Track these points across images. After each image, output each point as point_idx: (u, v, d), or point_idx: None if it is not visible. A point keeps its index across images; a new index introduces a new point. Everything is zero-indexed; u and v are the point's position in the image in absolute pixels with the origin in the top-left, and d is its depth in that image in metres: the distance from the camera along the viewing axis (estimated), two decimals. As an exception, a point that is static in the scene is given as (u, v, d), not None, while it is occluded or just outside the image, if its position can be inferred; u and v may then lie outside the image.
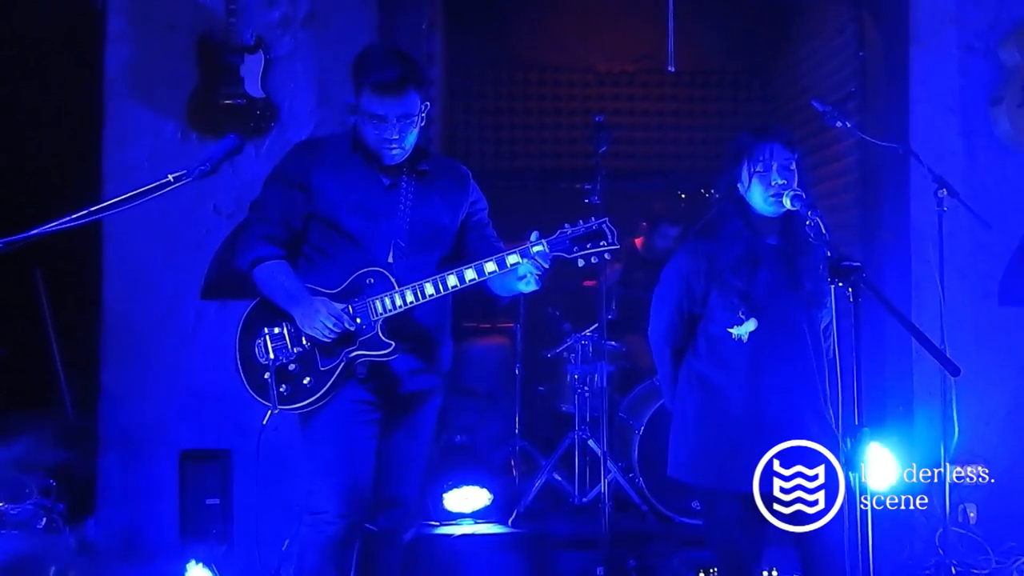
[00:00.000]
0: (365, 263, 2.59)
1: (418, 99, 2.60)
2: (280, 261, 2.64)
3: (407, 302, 2.55)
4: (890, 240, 4.35)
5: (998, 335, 4.24)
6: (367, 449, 2.62)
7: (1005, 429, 4.13)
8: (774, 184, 2.55)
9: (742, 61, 6.24)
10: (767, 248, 2.63)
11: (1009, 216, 4.25)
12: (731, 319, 2.58)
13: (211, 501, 3.72)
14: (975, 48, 4.30)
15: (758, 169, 2.58)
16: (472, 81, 6.07)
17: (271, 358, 2.56)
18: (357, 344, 2.57)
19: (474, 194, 2.81)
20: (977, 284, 4.27)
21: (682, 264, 2.70)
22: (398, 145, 2.59)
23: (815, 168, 4.93)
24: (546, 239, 2.53)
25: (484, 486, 4.17)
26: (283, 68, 4.06)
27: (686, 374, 2.71)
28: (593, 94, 6.18)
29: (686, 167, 6.02)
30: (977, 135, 4.28)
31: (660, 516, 4.09)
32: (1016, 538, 3.98)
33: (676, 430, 2.74)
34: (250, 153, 3.91)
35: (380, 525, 2.72)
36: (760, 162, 2.57)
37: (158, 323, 4.00)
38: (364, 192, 2.64)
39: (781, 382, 2.58)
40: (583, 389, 4.38)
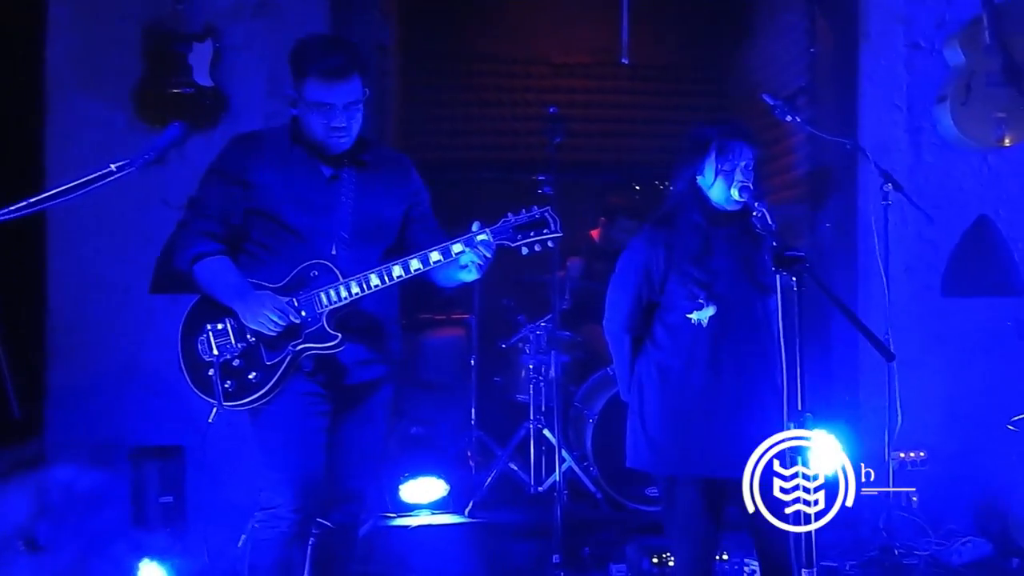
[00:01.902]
0: (308, 256, 2.57)
1: (361, 85, 2.59)
2: (221, 257, 2.61)
3: (352, 293, 2.54)
4: (838, 233, 4.45)
5: (941, 325, 4.36)
6: (318, 442, 2.61)
7: (947, 416, 4.25)
8: (738, 181, 2.60)
9: (696, 55, 6.29)
10: (724, 237, 2.68)
11: (952, 211, 4.37)
12: (691, 306, 2.62)
13: (164, 499, 3.67)
14: (922, 47, 4.40)
15: (725, 168, 2.62)
16: (427, 72, 6.04)
17: (215, 355, 2.53)
18: (303, 337, 2.55)
19: (416, 184, 2.80)
20: (921, 276, 4.39)
21: (640, 253, 2.73)
22: (346, 132, 2.58)
23: (766, 162, 5.00)
24: (489, 228, 2.55)
25: (440, 477, 4.19)
26: (233, 58, 4.00)
27: (644, 363, 2.74)
28: (548, 86, 6.19)
29: (640, 159, 6.07)
30: (922, 132, 4.39)
31: (614, 504, 4.15)
32: (956, 521, 4.12)
33: (633, 419, 2.77)
34: (200, 144, 3.83)
35: (335, 520, 2.70)
36: (728, 160, 2.62)
37: (107, 319, 3.93)
38: (305, 185, 2.61)
39: (740, 367, 2.64)
40: (538, 379, 4.42)
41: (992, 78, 4.23)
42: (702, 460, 2.61)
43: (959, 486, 4.18)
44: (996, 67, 4.23)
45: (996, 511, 4.06)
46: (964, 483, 4.16)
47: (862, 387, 4.32)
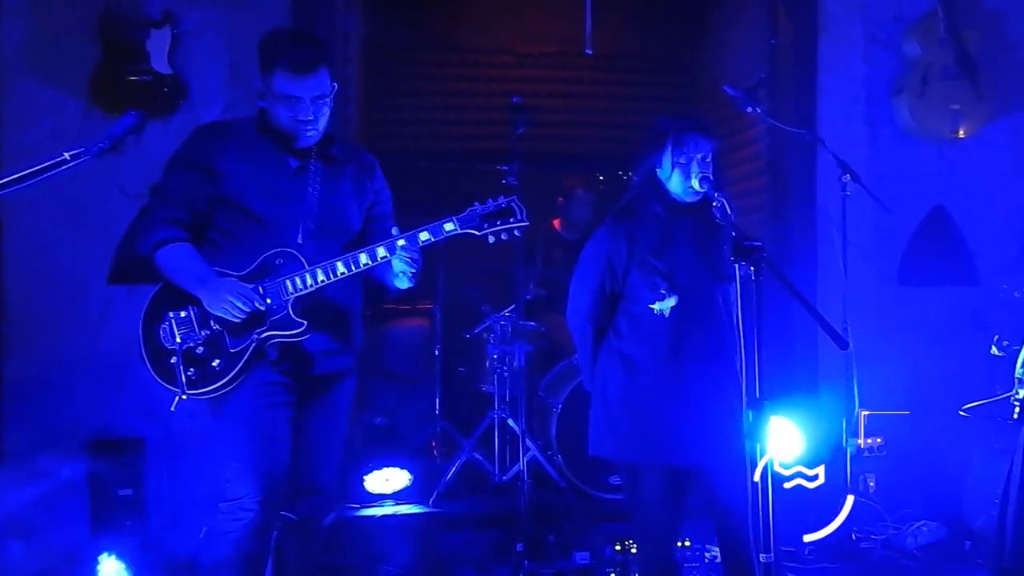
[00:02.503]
0: (274, 245, 2.56)
1: (329, 79, 2.59)
2: (184, 243, 2.59)
3: (318, 281, 2.54)
4: (797, 223, 4.51)
5: (897, 313, 4.45)
6: (282, 432, 2.59)
7: (903, 403, 4.33)
8: (694, 175, 2.63)
9: (659, 45, 6.32)
10: (684, 228, 2.71)
11: (908, 201, 4.45)
12: (652, 296, 2.65)
13: (124, 492, 3.62)
14: (879, 40, 4.47)
15: (681, 160, 2.65)
16: (390, 61, 6.00)
17: (177, 342, 2.51)
18: (268, 324, 2.54)
19: (379, 183, 2.81)
20: (878, 265, 4.47)
21: (603, 244, 2.75)
22: (313, 126, 2.58)
23: (727, 153, 5.06)
24: (456, 216, 2.57)
25: (404, 467, 4.19)
26: (192, 44, 3.94)
27: (607, 353, 2.77)
28: (512, 76, 6.17)
29: (604, 150, 6.09)
30: (880, 124, 4.46)
31: (578, 492, 4.18)
32: (911, 505, 4.20)
33: (596, 409, 2.80)
34: (158, 132, 3.79)
35: (299, 512, 2.69)
36: (684, 154, 2.65)
37: (63, 310, 3.87)
38: (272, 175, 2.61)
39: (701, 356, 2.67)
40: (502, 369, 4.43)
41: (947, 71, 4.31)
42: (664, 448, 2.64)
43: (915, 472, 4.27)
44: (951, 60, 4.31)
45: (950, 496, 4.16)
46: (920, 469, 4.25)
47: (821, 375, 4.39)
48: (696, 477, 2.71)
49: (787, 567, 3.78)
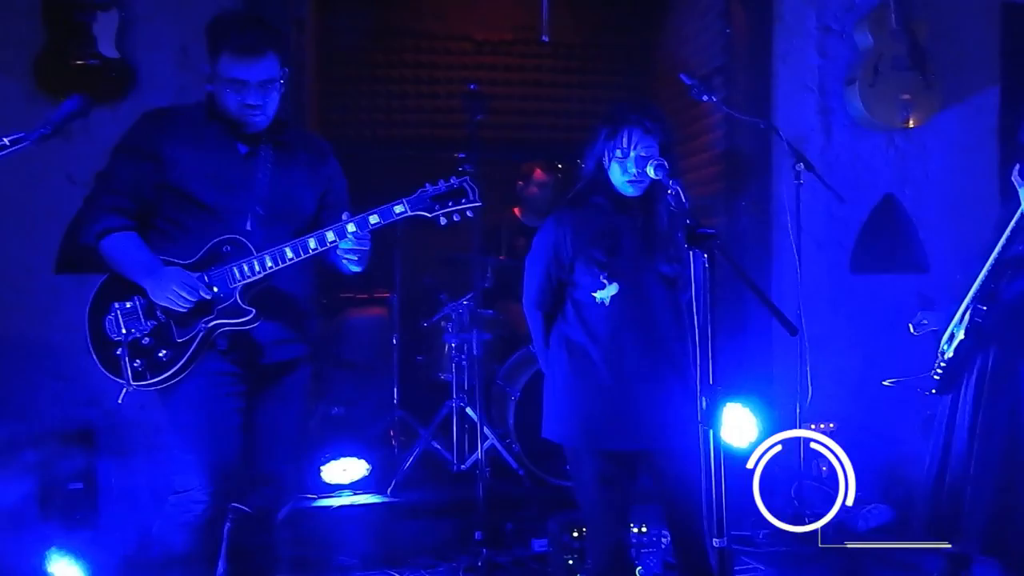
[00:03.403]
0: (222, 232, 2.53)
1: (278, 63, 2.55)
2: (129, 232, 2.54)
3: (266, 267, 2.51)
4: (752, 211, 4.55)
5: (849, 301, 4.52)
6: (232, 423, 2.56)
7: (855, 388, 4.41)
8: (630, 171, 2.64)
9: (616, 33, 6.33)
10: (628, 220, 2.73)
11: (860, 190, 4.52)
12: (595, 284, 2.68)
13: (74, 485, 3.56)
14: (833, 30, 4.52)
15: (617, 155, 2.66)
16: (345, 47, 5.93)
17: (123, 333, 2.47)
18: (215, 313, 2.51)
19: (333, 170, 2.78)
20: (831, 254, 4.53)
21: (550, 233, 2.78)
22: (260, 112, 2.55)
23: (683, 142, 5.09)
24: (406, 199, 2.54)
25: (362, 457, 4.17)
26: (141, 28, 3.86)
27: (556, 338, 2.80)
28: (470, 63, 6.15)
29: (561, 137, 6.09)
30: (833, 113, 4.52)
31: (536, 480, 4.19)
32: (863, 489, 4.28)
33: (547, 393, 2.83)
34: (106, 118, 3.69)
35: (252, 504, 2.66)
36: (619, 148, 2.65)
37: (9, 300, 3.78)
38: (220, 162, 2.57)
39: (642, 344, 2.69)
40: (460, 357, 4.41)
41: (898, 61, 4.38)
42: (606, 434, 2.67)
43: (866, 455, 4.35)
44: (902, 51, 4.38)
45: (899, 479, 4.25)
46: (870, 452, 4.33)
47: (776, 362, 4.45)
48: (646, 462, 2.74)
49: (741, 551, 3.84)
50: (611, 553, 2.75)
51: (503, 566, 3.72)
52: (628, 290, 2.67)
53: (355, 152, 2.88)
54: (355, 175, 2.94)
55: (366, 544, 3.84)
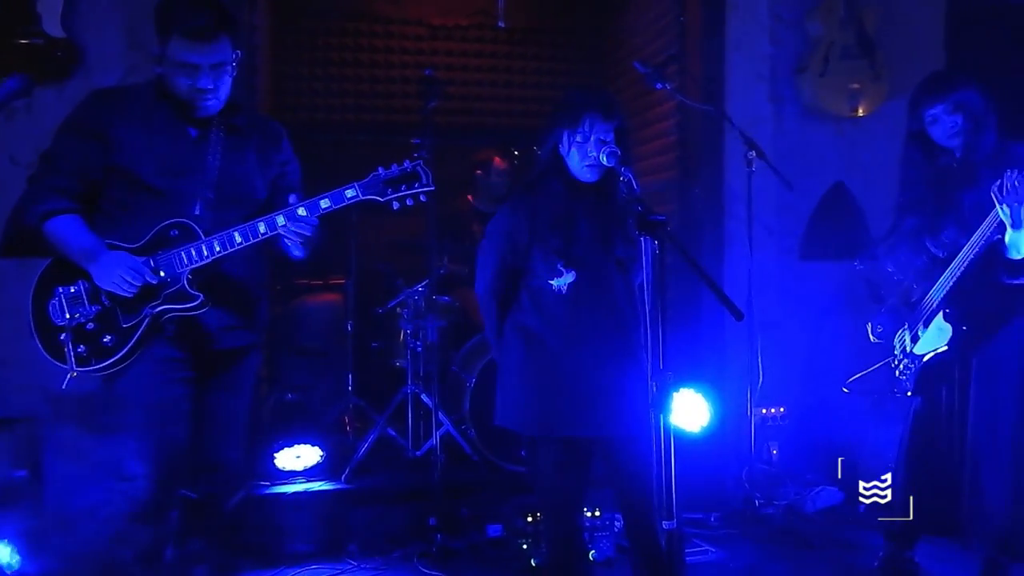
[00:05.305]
0: (170, 216, 2.48)
1: (230, 46, 2.50)
2: (73, 215, 2.49)
3: (215, 252, 2.47)
4: (705, 199, 4.60)
5: (799, 287, 4.59)
6: (179, 409, 2.53)
7: (805, 373, 4.49)
8: (590, 155, 2.64)
9: (573, 20, 6.33)
10: (584, 206, 2.73)
11: (810, 178, 4.58)
12: (551, 272, 2.68)
13: (18, 473, 3.48)
14: (784, 19, 4.56)
15: (577, 140, 2.66)
16: (299, 30, 5.85)
17: (67, 318, 2.43)
18: (161, 299, 2.47)
19: (286, 154, 2.75)
20: (781, 240, 4.59)
21: (505, 220, 2.77)
22: (212, 95, 2.50)
23: (638, 129, 5.11)
24: (358, 183, 2.51)
25: (316, 444, 4.14)
26: (87, 6, 3.76)
27: (511, 326, 2.80)
28: (426, 48, 6.10)
29: (516, 123, 6.08)
30: (784, 102, 4.57)
31: (491, 465, 4.20)
32: (813, 471, 4.38)
33: (501, 380, 2.83)
34: (51, 99, 3.61)
35: (200, 491, 2.64)
36: (579, 133, 2.65)
37: (-52, 286, 3.66)
38: (170, 144, 2.52)
39: (598, 331, 2.70)
40: (415, 344, 4.40)
41: (848, 51, 4.44)
42: (561, 420, 2.68)
43: (815, 439, 4.44)
44: (851, 40, 4.44)
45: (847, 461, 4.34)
46: (819, 436, 4.42)
47: (728, 347, 4.51)
48: (599, 448, 2.76)
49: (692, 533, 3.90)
50: (565, 537, 2.76)
51: (458, 551, 3.73)
52: (585, 277, 2.68)
53: (308, 136, 2.84)
54: (309, 160, 2.90)
55: (320, 531, 3.82)
